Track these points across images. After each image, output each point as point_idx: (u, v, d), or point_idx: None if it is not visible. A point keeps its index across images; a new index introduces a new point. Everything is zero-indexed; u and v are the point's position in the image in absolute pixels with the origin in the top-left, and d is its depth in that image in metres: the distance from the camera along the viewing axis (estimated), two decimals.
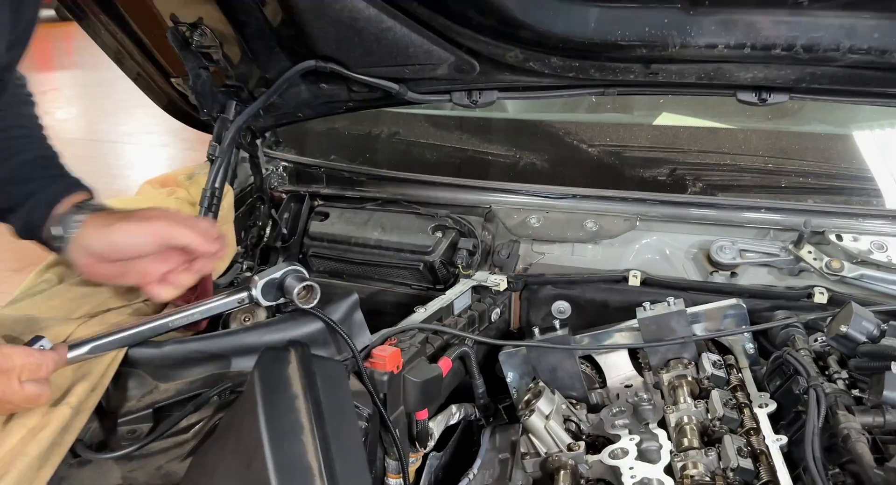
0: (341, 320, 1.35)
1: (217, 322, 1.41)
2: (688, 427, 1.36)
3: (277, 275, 1.30)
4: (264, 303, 1.30)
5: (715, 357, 1.55)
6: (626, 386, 1.63)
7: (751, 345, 1.58)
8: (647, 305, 1.58)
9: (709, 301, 1.62)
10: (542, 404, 1.54)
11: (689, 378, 1.50)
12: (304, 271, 1.32)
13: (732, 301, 1.58)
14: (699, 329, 1.59)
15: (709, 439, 1.37)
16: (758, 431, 1.32)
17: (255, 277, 1.30)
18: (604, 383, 1.66)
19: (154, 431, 1.16)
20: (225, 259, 1.65)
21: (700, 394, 1.49)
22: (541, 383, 1.58)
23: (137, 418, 1.18)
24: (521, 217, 1.91)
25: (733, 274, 1.80)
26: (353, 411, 1.17)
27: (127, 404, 1.20)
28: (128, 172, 6.79)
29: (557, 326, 1.61)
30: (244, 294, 1.29)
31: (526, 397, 1.58)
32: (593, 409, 1.60)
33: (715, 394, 1.43)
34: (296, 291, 1.28)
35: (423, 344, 1.50)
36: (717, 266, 1.79)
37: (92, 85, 9.90)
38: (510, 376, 1.69)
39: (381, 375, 1.33)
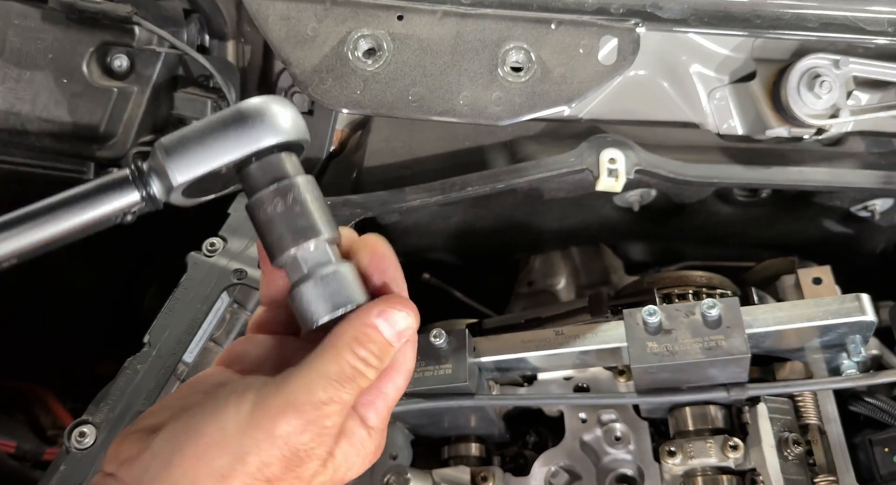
0: None
1: None
2: None
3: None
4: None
5: (794, 438, 0.69)
6: (582, 420, 0.80)
7: (860, 350, 0.71)
8: (647, 312, 0.66)
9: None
10: None
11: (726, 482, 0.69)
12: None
13: (853, 313, 0.66)
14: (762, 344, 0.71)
15: None
16: None
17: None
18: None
19: None
20: None
21: None
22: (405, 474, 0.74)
23: None
24: (335, 32, 0.75)
25: (819, 131, 0.83)
26: None
27: None
28: None
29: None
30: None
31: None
32: (516, 466, 0.81)
33: None
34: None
35: None
36: (791, 117, 0.81)
37: None
38: None
39: None
